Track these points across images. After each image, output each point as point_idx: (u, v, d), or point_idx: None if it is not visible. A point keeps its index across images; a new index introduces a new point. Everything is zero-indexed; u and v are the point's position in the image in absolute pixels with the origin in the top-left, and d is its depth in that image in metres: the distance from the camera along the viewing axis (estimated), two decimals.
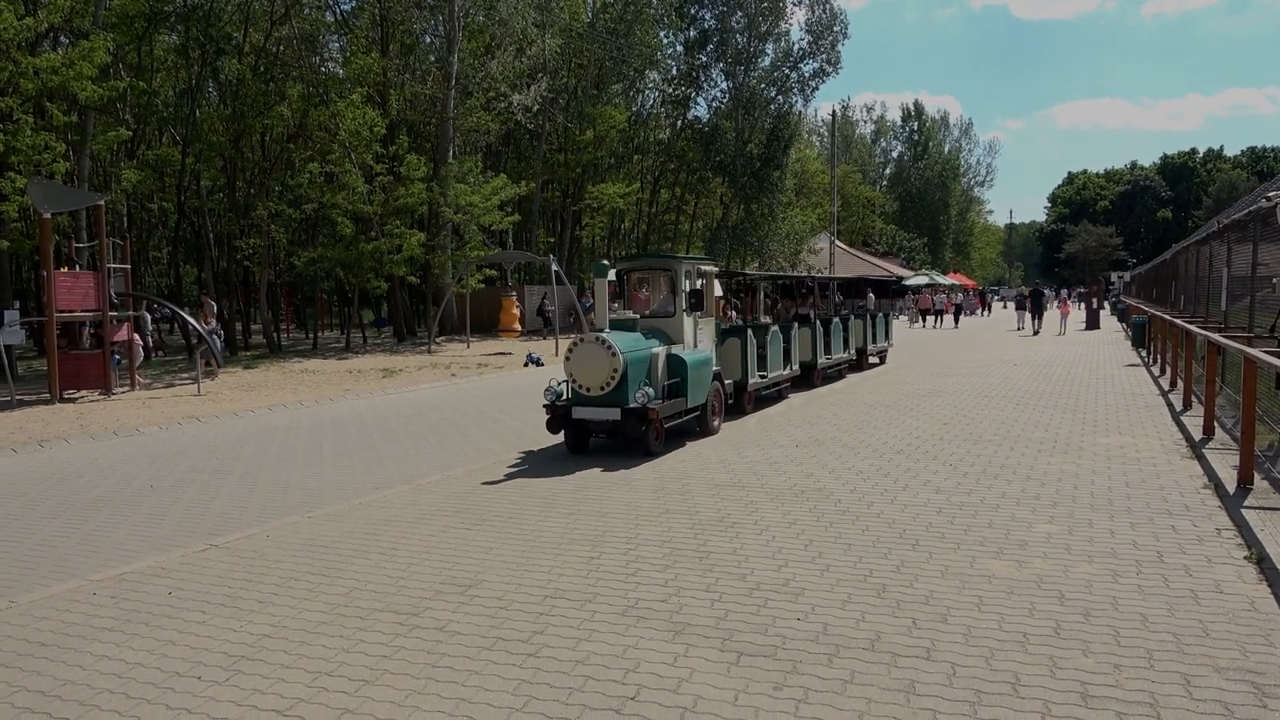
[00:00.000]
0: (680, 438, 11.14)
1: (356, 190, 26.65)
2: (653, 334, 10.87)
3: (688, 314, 11.11)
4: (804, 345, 15.73)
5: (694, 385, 10.70)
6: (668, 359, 10.64)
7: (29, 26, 18.81)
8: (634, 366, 9.97)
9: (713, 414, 11.46)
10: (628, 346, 10.03)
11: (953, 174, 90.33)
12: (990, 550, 6.13)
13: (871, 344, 20.16)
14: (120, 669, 4.63)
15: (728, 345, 12.80)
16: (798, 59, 47.08)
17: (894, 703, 3.97)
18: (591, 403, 9.96)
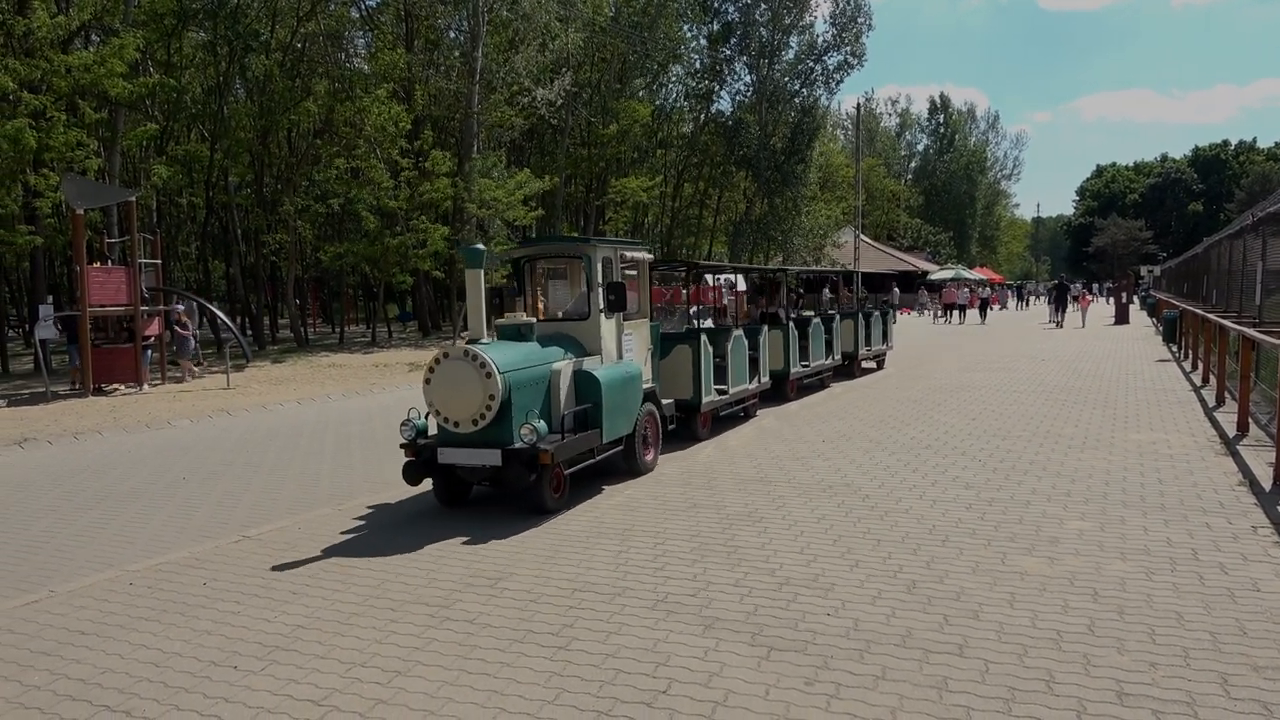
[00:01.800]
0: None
1: (382, 185, 26.81)
2: (558, 343, 8.22)
3: (606, 315, 8.53)
4: (775, 351, 13.41)
5: (613, 411, 8.05)
6: (575, 378, 7.99)
7: (61, 25, 19.07)
8: (521, 391, 7.34)
9: (645, 446, 8.92)
10: (511, 363, 7.33)
11: (979, 167, 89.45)
12: (1021, 547, 6.08)
13: (865, 347, 17.55)
14: (158, 658, 4.70)
15: (674, 355, 10.45)
16: (822, 52, 46.74)
17: (927, 699, 3.96)
18: (462, 442, 7.31)
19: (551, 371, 7.81)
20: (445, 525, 7.19)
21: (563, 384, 7.84)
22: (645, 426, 8.94)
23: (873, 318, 18.20)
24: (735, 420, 12.10)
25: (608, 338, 8.64)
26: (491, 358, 7.18)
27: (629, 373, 8.52)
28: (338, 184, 27.93)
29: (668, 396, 10.07)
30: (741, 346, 11.73)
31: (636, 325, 9.27)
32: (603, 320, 8.54)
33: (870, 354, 18.11)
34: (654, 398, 9.25)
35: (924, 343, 27.06)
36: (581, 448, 7.74)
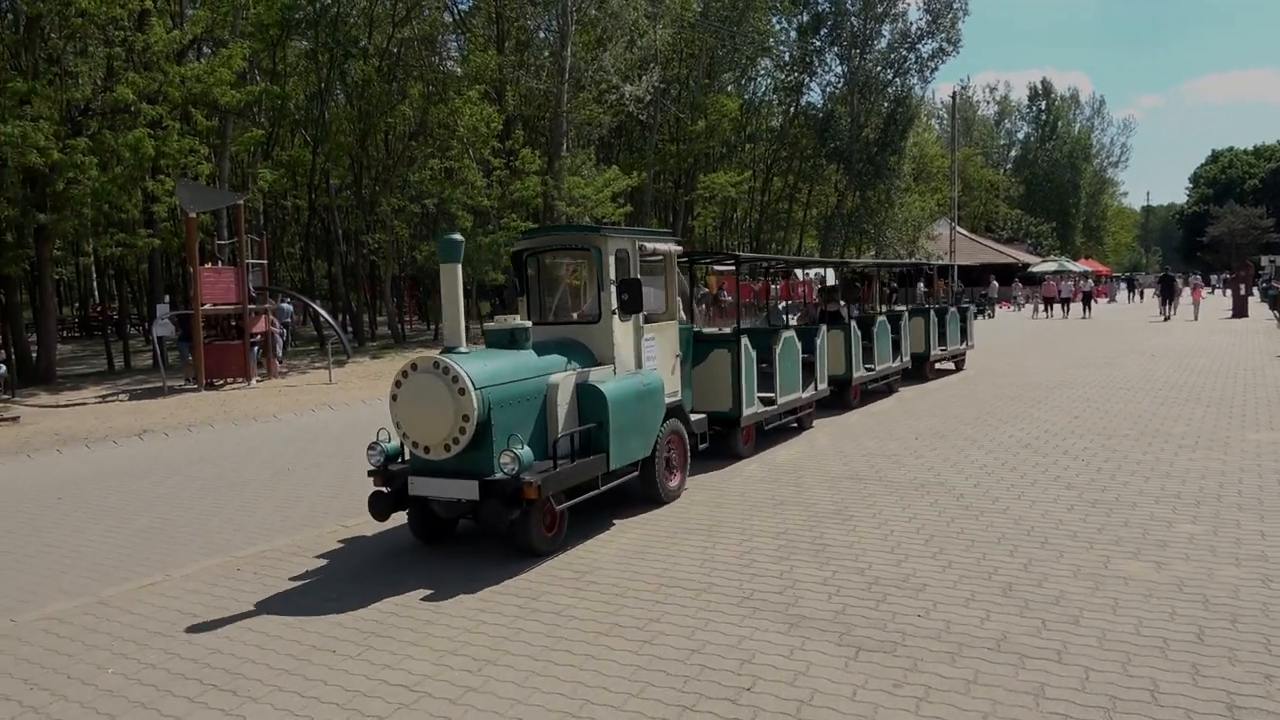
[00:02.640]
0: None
1: (474, 185, 27.37)
2: (563, 351, 7.06)
3: (620, 318, 7.28)
4: (835, 354, 12.14)
5: (624, 431, 6.84)
6: (578, 392, 6.77)
7: (176, 39, 20.05)
8: (504, 409, 6.13)
9: (668, 470, 7.63)
10: (492, 376, 6.15)
11: (1083, 155, 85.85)
12: (1127, 550, 5.83)
13: (939, 347, 16.06)
14: (262, 640, 4.91)
15: (711, 361, 9.22)
16: (916, 39, 45.54)
17: (1022, 705, 3.83)
18: (434, 470, 6.15)
19: (548, 386, 6.57)
20: None
21: (562, 400, 6.61)
22: (669, 447, 7.66)
23: (948, 315, 16.54)
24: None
25: (622, 344, 7.36)
26: (466, 370, 5.94)
27: (646, 385, 7.24)
28: (432, 184, 28.63)
29: (703, 408, 8.90)
30: (793, 349, 10.37)
31: (661, 328, 7.95)
32: (616, 324, 7.25)
33: (946, 355, 16.52)
34: (680, 413, 7.97)
35: (1022, 339, 26.17)
36: (582, 476, 6.45)
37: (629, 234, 7.66)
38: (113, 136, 18.52)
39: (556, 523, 6.38)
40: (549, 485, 6.02)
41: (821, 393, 11.23)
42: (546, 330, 7.43)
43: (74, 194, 18.07)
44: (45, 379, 18.93)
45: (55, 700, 4.31)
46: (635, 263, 7.56)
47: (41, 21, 19.43)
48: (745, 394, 9.19)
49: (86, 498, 8.81)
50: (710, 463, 9.07)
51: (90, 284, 41.45)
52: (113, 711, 4.15)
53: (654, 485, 7.46)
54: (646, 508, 7.45)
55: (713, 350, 9.27)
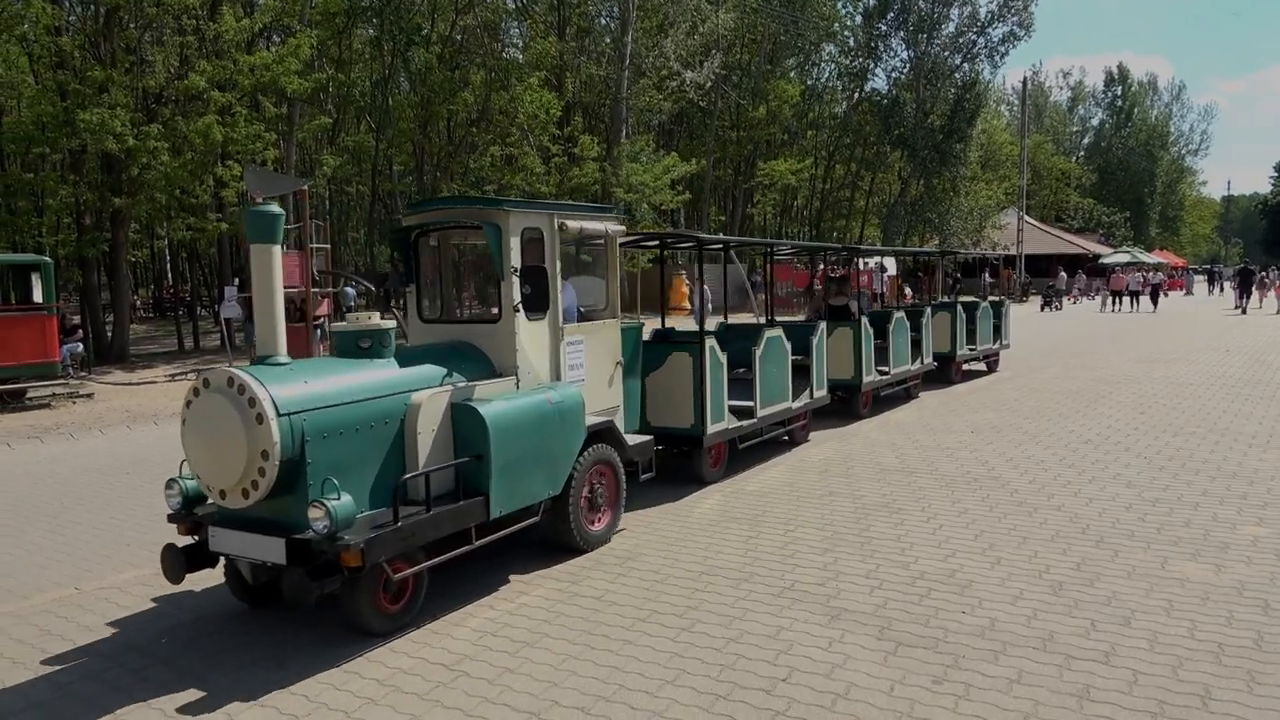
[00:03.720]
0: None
1: (534, 171, 27.55)
2: (447, 360, 5.53)
3: (528, 316, 5.77)
4: (841, 355, 10.76)
5: (514, 466, 5.25)
6: (453, 416, 5.21)
7: (245, 28, 20.55)
8: (328, 443, 4.63)
9: (591, 510, 6.12)
10: (308, 398, 4.63)
11: (1160, 142, 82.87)
12: (1185, 552, 5.64)
13: (967, 347, 14.49)
14: (311, 621, 5.02)
15: (669, 368, 7.65)
16: (985, 23, 44.35)
17: (1065, 707, 3.74)
18: (233, 521, 4.73)
19: (407, 408, 5.03)
20: None
21: (427, 426, 5.04)
22: (593, 481, 6.11)
23: (978, 310, 14.85)
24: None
25: (530, 349, 5.81)
26: (268, 390, 4.46)
27: (557, 405, 5.62)
28: (492, 170, 28.90)
29: (661, 424, 7.60)
30: (779, 352, 8.83)
31: (596, 330, 6.46)
32: (520, 324, 5.70)
33: (975, 354, 14.87)
34: (612, 435, 6.33)
35: (1085, 333, 25.43)
36: (443, 530, 4.90)
37: (545, 209, 6.07)
38: (184, 123, 19.08)
39: (408, 592, 4.86)
40: (380, 548, 4.45)
41: (818, 401, 9.70)
42: (439, 331, 6.07)
43: (148, 179, 18.69)
44: (119, 358, 19.66)
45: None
46: (553, 245, 5.97)
47: (120, 12, 20.07)
48: (711, 406, 7.59)
49: (152, 472, 9.12)
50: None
51: (163, 267, 42.82)
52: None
53: (568, 530, 5.84)
54: (670, 496, 7.42)
55: (670, 354, 7.66)
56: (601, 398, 6.47)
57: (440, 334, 6.04)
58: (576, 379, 6.19)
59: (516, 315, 5.67)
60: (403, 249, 6.32)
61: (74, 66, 19.44)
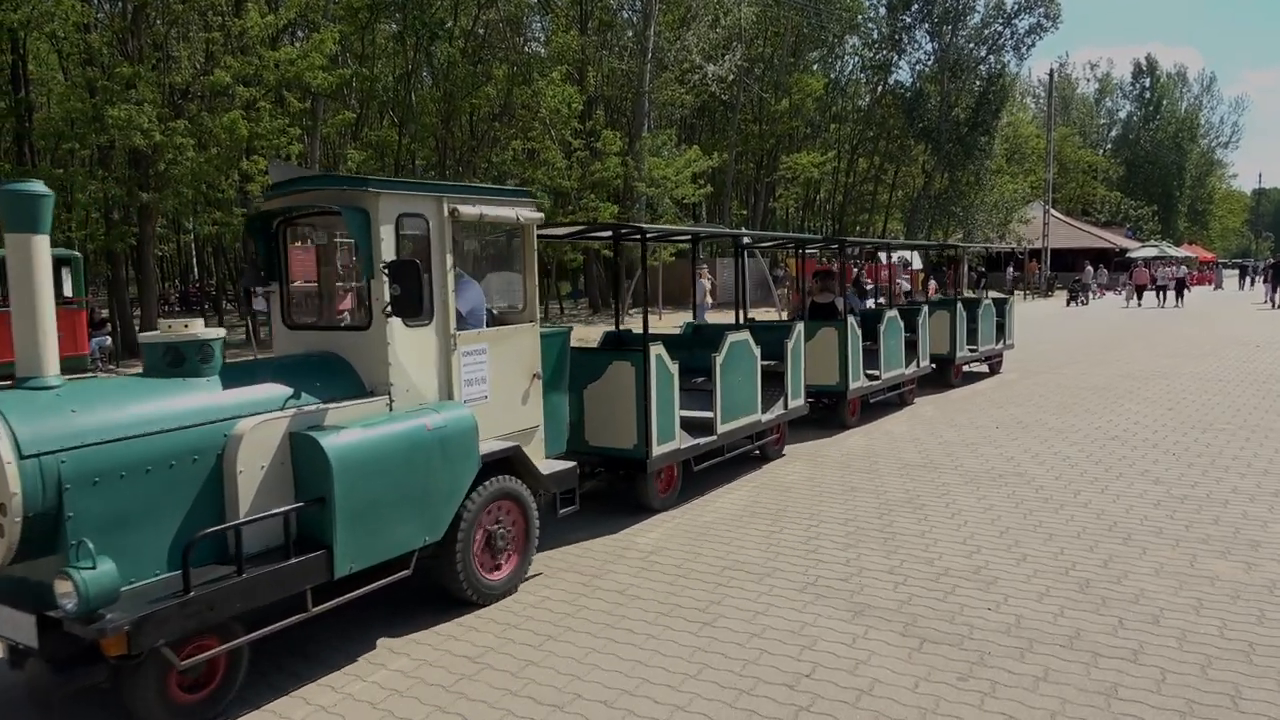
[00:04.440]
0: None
1: (555, 166, 27.59)
2: (293, 376, 4.55)
3: (405, 322, 4.74)
4: (825, 358, 9.80)
5: (369, 511, 4.28)
6: (292, 449, 4.22)
7: (270, 24, 20.69)
8: (98, 490, 3.63)
9: (490, 555, 5.07)
10: (69, 434, 3.63)
11: (1189, 135, 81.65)
12: (1215, 549, 5.57)
13: (967, 348, 13.39)
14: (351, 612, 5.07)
15: (608, 380, 6.60)
16: (1011, 14, 43.89)
17: (1092, 705, 3.71)
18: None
19: (226, 440, 4.03)
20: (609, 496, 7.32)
21: (253, 463, 4.06)
22: (491, 521, 5.05)
23: (980, 309, 13.76)
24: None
25: (409, 362, 4.77)
26: (9, 424, 3.49)
27: (441, 430, 4.61)
28: (514, 165, 28.98)
29: (600, 445, 6.63)
30: (745, 358, 7.72)
31: (506, 337, 5.39)
32: (395, 332, 4.68)
33: (977, 356, 13.84)
34: (520, 464, 5.24)
35: (1109, 329, 25.15)
36: (261, 597, 3.89)
37: (430, 191, 5.00)
38: (210, 118, 19.26)
39: (215, 676, 3.89)
40: (157, 628, 3.47)
41: (794, 411, 8.67)
42: (307, 339, 5.05)
43: (174, 174, 18.89)
44: None
45: None
46: (443, 236, 4.95)
47: (147, 8, 20.28)
48: (658, 424, 6.55)
49: None
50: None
51: (190, 261, 43.31)
52: None
53: (456, 582, 4.83)
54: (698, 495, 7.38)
55: (610, 364, 6.63)
56: (511, 418, 5.39)
57: (309, 343, 5.00)
58: (476, 396, 5.11)
59: (389, 322, 4.60)
60: (262, 240, 5.28)
61: (102, 63, 19.69)
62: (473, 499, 4.87)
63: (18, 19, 18.58)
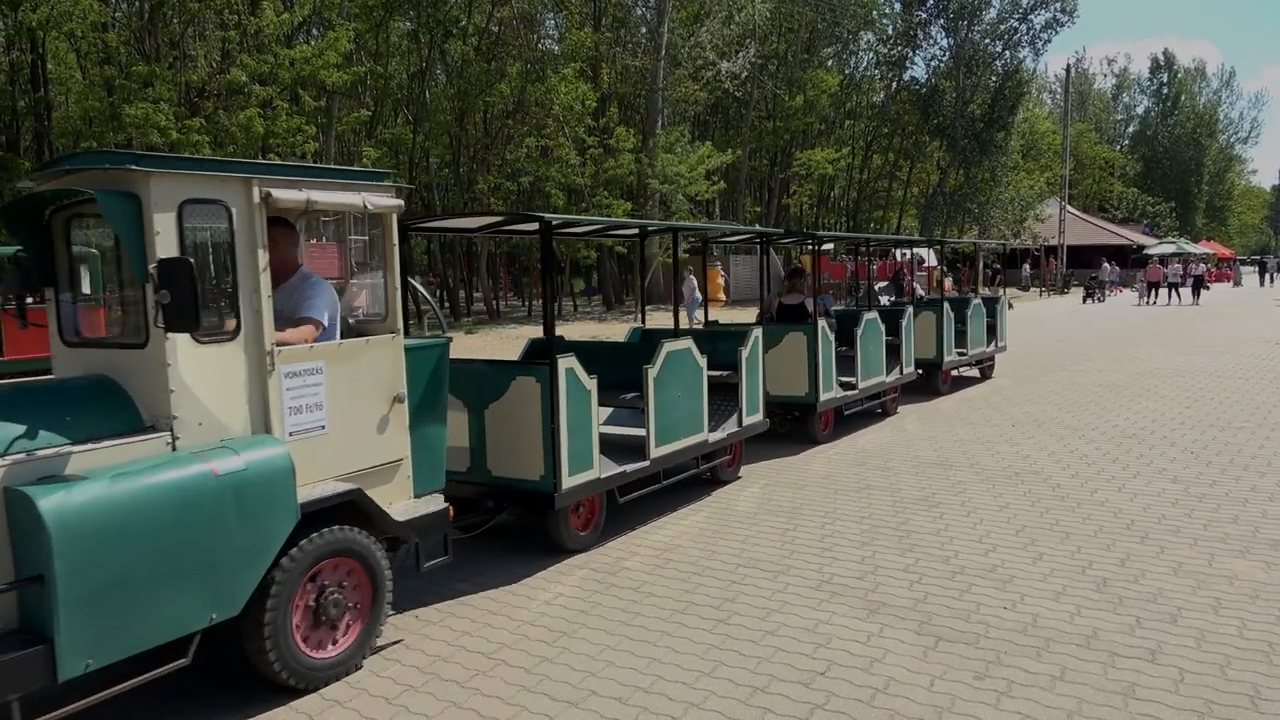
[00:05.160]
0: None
1: (569, 163, 27.63)
2: (43, 407, 3.57)
3: (199, 337, 3.77)
4: (792, 367, 8.88)
5: (118, 591, 3.26)
6: (7, 506, 3.23)
7: (286, 22, 20.81)
8: None
9: (317, 632, 4.06)
10: None
11: (1208, 130, 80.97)
12: (1234, 549, 5.52)
13: (955, 352, 12.40)
14: None
15: (511, 400, 5.57)
16: (1027, 10, 43.61)
17: (1109, 705, 3.69)
18: None
19: None
20: None
21: None
22: (316, 586, 4.03)
23: (970, 309, 12.73)
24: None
25: (202, 388, 3.79)
26: None
27: (236, 476, 3.65)
28: (528, 162, 29.04)
29: (504, 472, 5.60)
30: (687, 370, 6.72)
31: (354, 353, 4.36)
32: (179, 350, 3.70)
33: (966, 360, 12.85)
34: (363, 511, 4.23)
35: (1124, 327, 24.98)
36: None
37: (233, 171, 3.91)
38: (226, 117, 19.39)
39: None
40: None
41: (752, 428, 7.68)
42: (81, 359, 4.05)
43: None
44: None
45: None
46: (252, 228, 3.93)
47: (164, 8, 20.42)
48: (570, 450, 5.53)
49: None
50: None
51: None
52: None
53: (266, 664, 3.84)
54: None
55: (514, 380, 5.59)
56: (361, 452, 4.36)
57: (89, 363, 4.00)
58: (308, 428, 4.10)
59: (170, 338, 3.63)
60: (27, 234, 4.16)
61: (120, 62, 19.86)
62: (289, 560, 3.84)
63: (37, 19, 18.75)
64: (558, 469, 5.47)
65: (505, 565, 5.62)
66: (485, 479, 5.68)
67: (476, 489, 5.71)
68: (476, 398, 5.66)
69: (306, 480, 4.02)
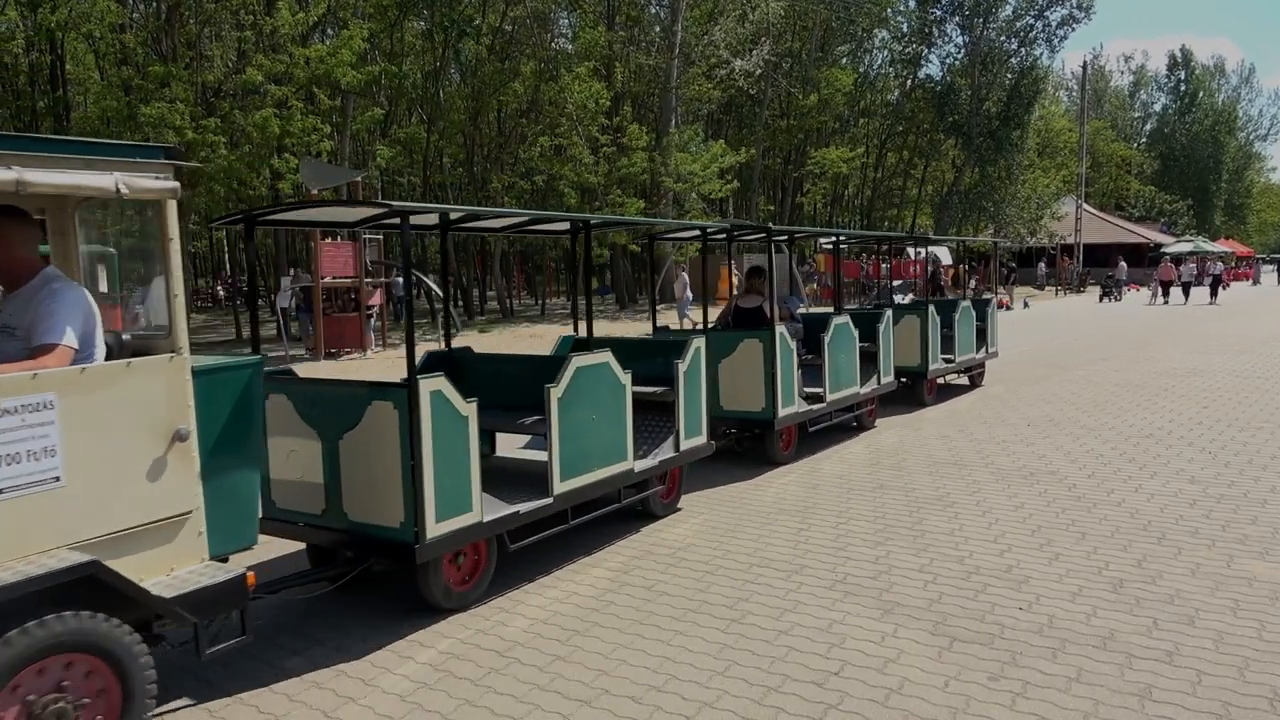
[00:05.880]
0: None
1: (582, 161, 27.66)
2: None
3: None
4: (746, 379, 7.86)
5: None
6: None
7: (301, 22, 20.91)
8: None
9: None
10: None
11: (1227, 128, 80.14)
12: (1253, 550, 5.47)
13: (941, 359, 11.44)
14: (377, 602, 5.11)
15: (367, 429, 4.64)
16: (1044, 6, 43.31)
17: (1126, 707, 3.66)
18: None
19: None
20: None
21: None
22: (45, 694, 3.03)
23: (958, 312, 11.74)
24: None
25: None
26: None
27: None
28: (541, 161, 29.10)
29: (362, 517, 4.66)
30: (597, 389, 5.67)
31: (109, 379, 3.43)
32: None
33: (955, 368, 11.86)
34: (103, 590, 3.23)
35: (1138, 327, 24.78)
36: None
37: None
38: (242, 116, 19.51)
39: None
40: None
41: (691, 453, 6.64)
42: None
43: (207, 171, 19.15)
44: None
45: None
46: None
47: (180, 8, 20.56)
48: (438, 489, 4.54)
49: None
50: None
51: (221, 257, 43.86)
52: None
53: None
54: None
55: (369, 406, 4.58)
56: (117, 508, 3.43)
57: None
58: (32, 481, 3.18)
59: None
60: None
61: (137, 62, 20.01)
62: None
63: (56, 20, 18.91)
64: (420, 514, 4.48)
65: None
66: (341, 524, 4.76)
67: (333, 536, 4.85)
68: (330, 426, 4.73)
69: (25, 551, 3.14)
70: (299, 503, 4.89)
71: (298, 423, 4.87)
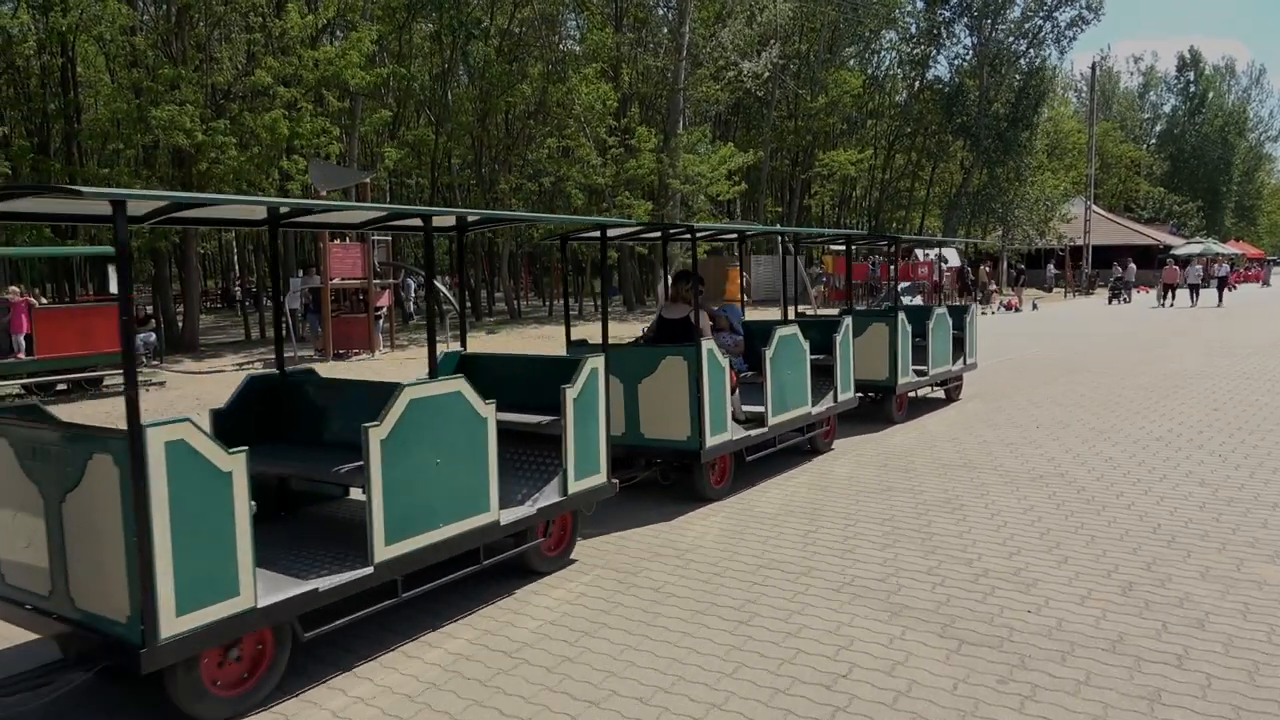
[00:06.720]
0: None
1: (590, 163, 27.68)
2: None
3: None
4: (670, 403, 6.76)
5: None
6: None
7: (310, 24, 20.98)
8: None
9: None
10: None
11: (1237, 129, 79.73)
12: (1263, 553, 5.45)
13: (912, 371, 10.26)
14: None
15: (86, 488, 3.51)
16: (1052, 7, 43.09)
17: (1135, 710, 3.65)
18: None
19: None
20: (632, 497, 7.32)
21: None
22: None
23: (933, 320, 10.74)
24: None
25: None
26: None
27: None
28: (549, 163, 29.14)
29: (88, 606, 3.58)
30: (448, 426, 4.61)
31: None
32: None
33: (928, 381, 10.84)
34: None
35: (1148, 330, 24.68)
36: None
37: None
38: (251, 118, 19.58)
39: None
40: None
41: (584, 496, 5.59)
42: None
43: (216, 173, 19.25)
44: (189, 347, 20.29)
45: None
46: None
47: (190, 10, 20.65)
48: (178, 573, 3.45)
49: None
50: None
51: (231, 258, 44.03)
52: None
53: None
54: None
55: (90, 460, 3.52)
56: None
57: None
58: None
59: None
60: None
61: (147, 65, 20.09)
62: None
63: (67, 23, 19.01)
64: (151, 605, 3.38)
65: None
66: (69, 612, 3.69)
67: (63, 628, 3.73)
68: (52, 482, 3.67)
69: None
70: (28, 580, 3.81)
71: (19, 478, 3.77)
